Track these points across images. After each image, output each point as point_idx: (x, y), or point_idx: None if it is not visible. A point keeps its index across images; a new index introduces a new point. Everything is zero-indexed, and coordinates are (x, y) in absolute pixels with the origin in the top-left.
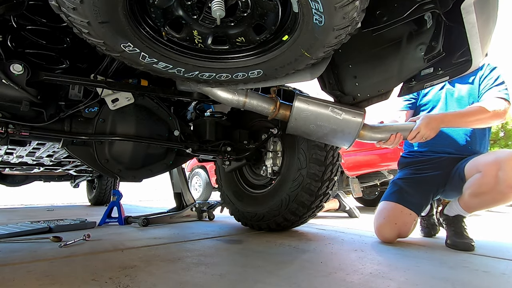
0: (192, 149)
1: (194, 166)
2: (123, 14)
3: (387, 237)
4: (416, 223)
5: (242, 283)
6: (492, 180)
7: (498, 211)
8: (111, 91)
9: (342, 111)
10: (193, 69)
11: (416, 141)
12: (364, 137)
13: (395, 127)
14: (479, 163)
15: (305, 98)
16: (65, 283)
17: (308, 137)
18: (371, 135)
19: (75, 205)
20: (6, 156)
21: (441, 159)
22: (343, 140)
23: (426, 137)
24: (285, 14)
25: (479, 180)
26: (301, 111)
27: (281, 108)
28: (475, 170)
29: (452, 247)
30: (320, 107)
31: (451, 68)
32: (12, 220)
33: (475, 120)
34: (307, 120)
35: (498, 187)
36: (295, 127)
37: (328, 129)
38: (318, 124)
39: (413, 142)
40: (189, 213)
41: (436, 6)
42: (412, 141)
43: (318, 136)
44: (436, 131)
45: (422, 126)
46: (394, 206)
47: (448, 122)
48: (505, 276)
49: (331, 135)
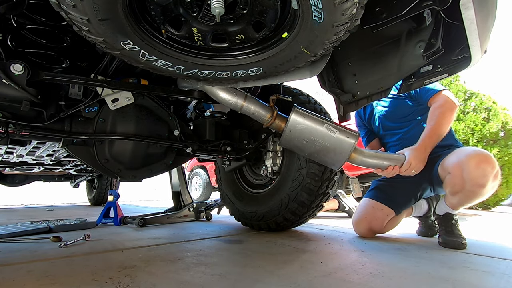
0: (192, 148)
1: (194, 166)
2: (122, 12)
3: (360, 231)
4: (398, 220)
5: (242, 283)
6: (460, 181)
7: (498, 211)
8: (111, 91)
9: (337, 130)
10: (193, 67)
11: (406, 174)
12: (355, 160)
13: (385, 156)
14: (447, 165)
15: (302, 112)
16: (65, 283)
17: (300, 152)
18: (362, 159)
19: (75, 205)
20: (6, 156)
21: None
22: (334, 160)
23: (417, 170)
24: (285, 11)
25: (450, 181)
26: (296, 124)
27: (277, 118)
28: (446, 172)
29: (444, 245)
30: (316, 122)
31: (450, 65)
32: (12, 220)
33: (444, 125)
34: (301, 134)
35: (467, 186)
36: (288, 139)
37: (321, 146)
38: (311, 139)
39: (404, 174)
40: (186, 213)
41: (435, 3)
42: (403, 174)
43: (310, 152)
44: (424, 162)
45: (412, 160)
46: (366, 202)
47: (430, 146)
48: (505, 276)
49: (322, 152)
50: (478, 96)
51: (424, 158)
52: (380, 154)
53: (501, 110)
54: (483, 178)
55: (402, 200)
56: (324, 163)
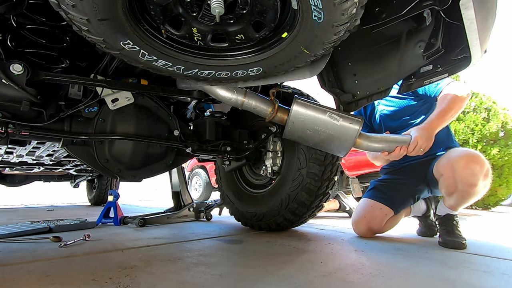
0: (192, 148)
1: (194, 166)
2: (122, 12)
3: (360, 231)
4: (397, 220)
5: (242, 283)
6: (452, 182)
7: (498, 211)
8: (111, 91)
9: (340, 117)
10: (192, 66)
11: (415, 153)
12: (360, 145)
13: (392, 138)
14: (440, 167)
15: (304, 102)
16: (65, 283)
17: (305, 143)
18: (368, 144)
19: (75, 205)
20: (6, 156)
21: (411, 165)
22: (340, 147)
23: (424, 148)
24: (284, 11)
25: (444, 182)
26: (299, 115)
27: (279, 111)
28: (439, 174)
29: (444, 245)
30: (318, 111)
31: (450, 65)
32: (12, 220)
33: (454, 110)
34: (304, 124)
35: (459, 186)
36: (292, 131)
37: (325, 135)
38: (315, 129)
39: (412, 154)
40: (186, 213)
41: (435, 3)
42: (411, 153)
43: (315, 142)
44: (431, 140)
45: (419, 139)
46: (365, 202)
47: (438, 126)
48: (505, 276)
49: (327, 141)
50: (478, 96)
51: (431, 136)
52: (386, 136)
53: (501, 110)
54: (473, 177)
55: (400, 199)
56: (330, 151)
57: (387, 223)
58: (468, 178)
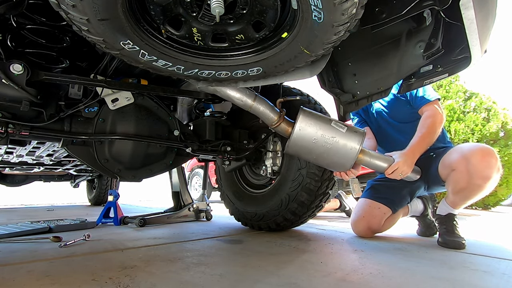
0: (192, 148)
1: (194, 166)
2: (122, 12)
3: (359, 231)
4: (395, 219)
5: (242, 283)
6: (466, 175)
7: (498, 211)
8: (111, 91)
9: (345, 126)
10: (192, 67)
11: (393, 177)
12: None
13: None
14: (450, 162)
15: (310, 111)
16: (65, 283)
17: (308, 154)
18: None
19: (75, 205)
20: (6, 156)
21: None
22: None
23: (403, 174)
24: (284, 11)
25: (455, 178)
26: (305, 123)
27: (284, 122)
28: (449, 169)
29: (443, 245)
30: (323, 120)
31: (450, 65)
32: (12, 220)
33: (434, 134)
34: (310, 134)
35: (472, 180)
36: (297, 139)
37: (331, 144)
38: (320, 136)
39: (389, 177)
40: (186, 213)
41: (435, 3)
42: (389, 176)
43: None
44: (411, 167)
45: (400, 164)
46: (363, 202)
47: (419, 152)
48: (505, 276)
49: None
50: (478, 96)
51: (411, 163)
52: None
53: (501, 110)
54: (489, 170)
55: (397, 198)
56: (334, 166)
57: (385, 222)
58: (484, 171)
